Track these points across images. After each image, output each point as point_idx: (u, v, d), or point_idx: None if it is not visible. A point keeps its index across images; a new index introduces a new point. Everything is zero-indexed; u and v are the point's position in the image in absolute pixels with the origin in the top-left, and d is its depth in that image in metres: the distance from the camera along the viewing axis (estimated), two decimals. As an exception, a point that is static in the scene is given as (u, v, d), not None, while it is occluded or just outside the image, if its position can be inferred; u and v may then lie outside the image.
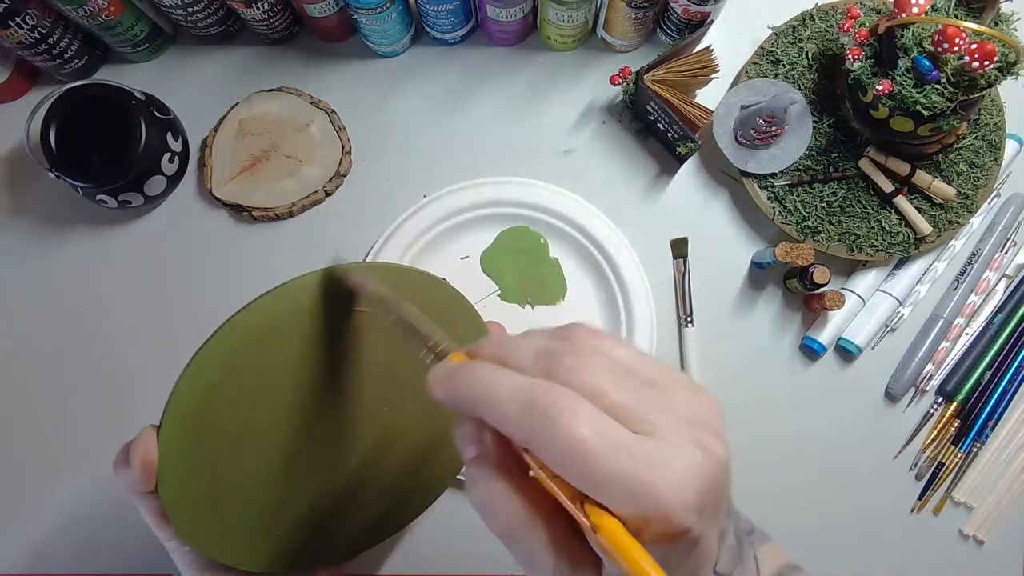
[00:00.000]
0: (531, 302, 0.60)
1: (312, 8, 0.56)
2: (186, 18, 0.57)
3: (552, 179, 0.60)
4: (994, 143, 0.58)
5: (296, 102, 0.61)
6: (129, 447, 0.32)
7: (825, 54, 0.59)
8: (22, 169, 0.61)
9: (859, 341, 0.58)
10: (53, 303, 0.60)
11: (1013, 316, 0.59)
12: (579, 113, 0.63)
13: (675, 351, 0.60)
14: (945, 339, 0.59)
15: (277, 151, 0.60)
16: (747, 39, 0.61)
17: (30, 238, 0.61)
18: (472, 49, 0.63)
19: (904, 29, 0.49)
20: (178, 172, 0.60)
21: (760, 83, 0.58)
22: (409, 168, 0.62)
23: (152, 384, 0.59)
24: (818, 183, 0.58)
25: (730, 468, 0.24)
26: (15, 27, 0.52)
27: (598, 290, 0.60)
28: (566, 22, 0.57)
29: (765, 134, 0.56)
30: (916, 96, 0.48)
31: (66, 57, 0.58)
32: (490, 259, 0.60)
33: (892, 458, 0.59)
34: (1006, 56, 0.47)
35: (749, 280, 0.61)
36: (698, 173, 0.62)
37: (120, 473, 0.32)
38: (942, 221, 0.58)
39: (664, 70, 0.57)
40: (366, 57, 0.63)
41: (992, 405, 0.58)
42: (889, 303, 0.59)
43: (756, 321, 0.60)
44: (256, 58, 0.63)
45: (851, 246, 0.58)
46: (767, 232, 0.61)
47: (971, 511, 0.58)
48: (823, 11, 0.60)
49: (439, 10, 0.57)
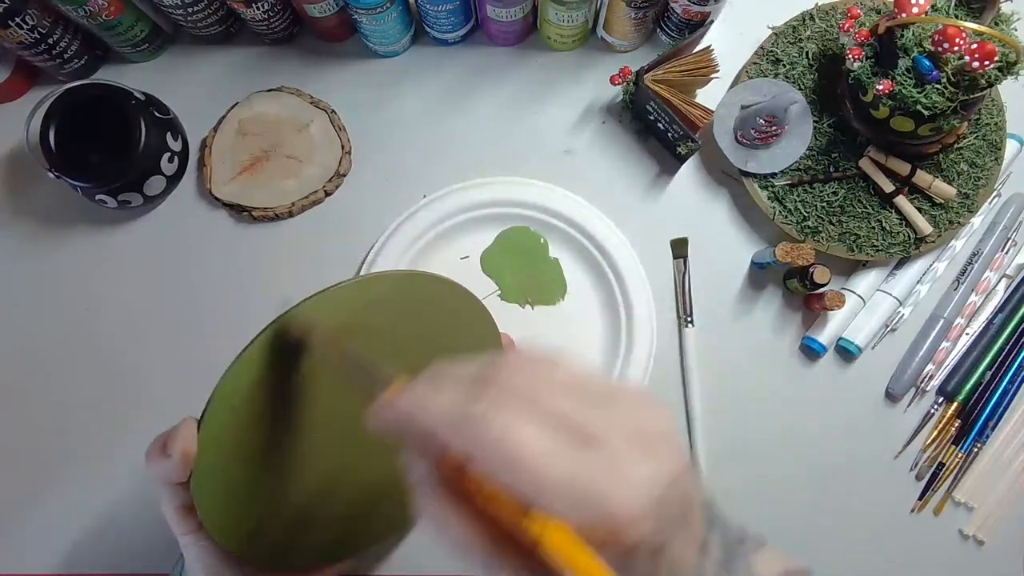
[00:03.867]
0: (531, 302, 0.60)
1: (312, 8, 0.56)
2: (186, 18, 0.57)
3: (552, 179, 0.60)
4: (995, 143, 0.57)
5: (296, 102, 0.61)
6: (167, 437, 0.32)
7: (825, 54, 0.59)
8: (21, 169, 0.61)
9: (859, 341, 0.58)
10: (52, 303, 0.60)
11: (1014, 316, 0.59)
12: (579, 113, 0.63)
13: (675, 351, 0.60)
14: (946, 339, 0.59)
15: (277, 151, 0.60)
16: (747, 39, 0.61)
17: (29, 238, 0.61)
18: (472, 49, 0.63)
19: (904, 29, 0.49)
20: (178, 172, 0.60)
21: (760, 83, 0.58)
22: (409, 168, 0.62)
23: (152, 384, 0.59)
24: (818, 183, 0.58)
25: (694, 477, 0.24)
26: (15, 27, 0.52)
27: (598, 290, 0.60)
28: (566, 22, 0.57)
29: (765, 134, 0.56)
30: (916, 96, 0.48)
31: (66, 57, 0.58)
32: (490, 259, 0.60)
33: (892, 458, 0.59)
34: (1006, 56, 0.47)
35: (749, 280, 0.61)
36: (698, 173, 0.62)
37: (155, 463, 0.33)
38: (942, 221, 0.57)
39: (664, 70, 0.57)
40: (366, 57, 0.63)
41: (993, 405, 0.58)
42: (889, 303, 0.59)
43: (756, 321, 0.60)
44: (256, 58, 0.63)
45: (851, 246, 0.58)
46: (767, 232, 0.61)
47: (971, 511, 0.58)
48: (823, 11, 0.60)
49: (439, 10, 0.57)
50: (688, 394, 0.59)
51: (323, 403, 0.36)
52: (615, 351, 0.58)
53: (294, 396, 0.35)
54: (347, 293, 0.34)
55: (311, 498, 0.38)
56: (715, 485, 0.58)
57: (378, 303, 0.36)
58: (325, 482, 0.39)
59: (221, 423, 0.33)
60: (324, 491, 0.39)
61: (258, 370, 0.33)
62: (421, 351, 0.33)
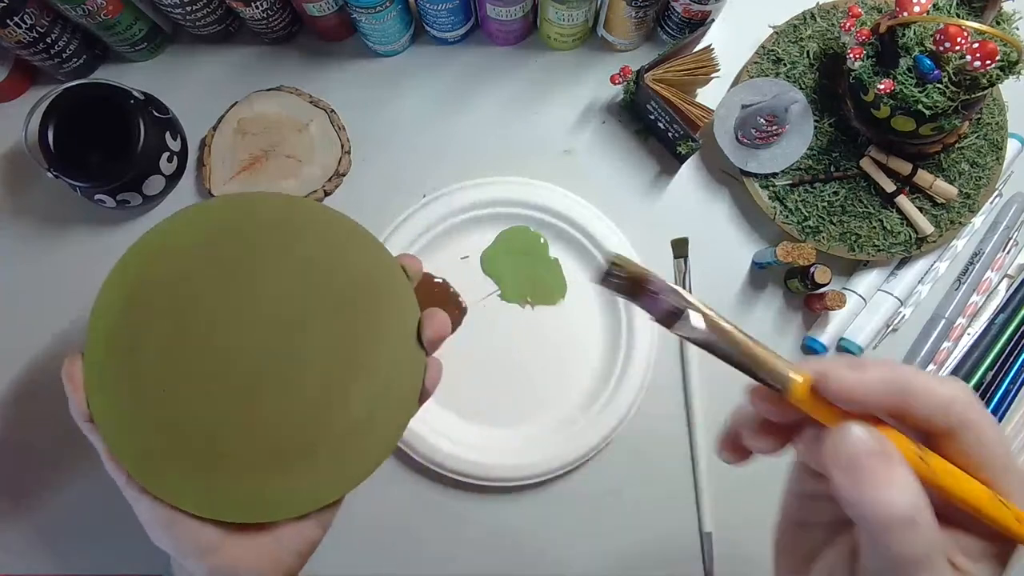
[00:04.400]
0: (531, 302, 0.60)
1: (311, 7, 0.56)
2: (185, 17, 0.57)
3: (552, 179, 0.60)
4: (996, 142, 0.57)
5: (295, 102, 0.61)
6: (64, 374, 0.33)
7: (826, 53, 0.58)
8: (20, 169, 0.61)
9: (860, 341, 0.58)
10: (51, 303, 0.60)
11: (1015, 316, 0.59)
12: (579, 113, 0.62)
13: (675, 351, 0.60)
14: (947, 339, 0.59)
15: (276, 151, 0.60)
16: (748, 38, 0.61)
17: (28, 238, 0.60)
18: (472, 49, 0.63)
19: (906, 28, 0.48)
20: (177, 172, 0.60)
21: (761, 82, 0.58)
22: (409, 168, 0.61)
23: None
24: (819, 183, 0.58)
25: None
26: (13, 26, 0.52)
27: (598, 290, 0.59)
28: (566, 21, 0.57)
29: (766, 133, 0.56)
30: (917, 95, 0.48)
31: (64, 56, 0.58)
32: (490, 259, 0.60)
33: (893, 459, 0.59)
34: (1008, 55, 0.47)
35: (750, 280, 0.60)
36: (698, 173, 0.62)
37: (72, 409, 0.33)
38: (944, 221, 0.57)
39: (664, 69, 0.56)
40: (366, 57, 0.63)
41: (994, 406, 0.58)
42: (890, 303, 0.59)
43: (757, 321, 0.60)
44: (255, 57, 0.63)
45: (852, 246, 0.58)
46: (768, 232, 0.61)
47: (973, 512, 0.58)
48: (824, 10, 0.59)
49: (439, 9, 0.56)
50: (688, 394, 0.59)
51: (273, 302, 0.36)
52: (615, 351, 0.58)
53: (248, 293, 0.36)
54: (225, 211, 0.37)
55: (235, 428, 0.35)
56: (716, 486, 0.59)
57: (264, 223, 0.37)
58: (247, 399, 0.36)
59: (107, 349, 0.33)
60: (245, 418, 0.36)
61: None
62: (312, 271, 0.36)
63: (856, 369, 0.24)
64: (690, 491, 0.59)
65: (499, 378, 0.59)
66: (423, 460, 0.56)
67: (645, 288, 0.26)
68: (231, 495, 0.35)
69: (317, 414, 0.36)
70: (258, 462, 0.36)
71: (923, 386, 0.23)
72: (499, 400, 0.59)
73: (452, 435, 0.57)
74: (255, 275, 0.37)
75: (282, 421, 0.36)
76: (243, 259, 0.37)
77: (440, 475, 0.57)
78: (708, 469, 0.58)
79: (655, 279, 0.26)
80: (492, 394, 0.59)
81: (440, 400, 0.59)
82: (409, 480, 0.58)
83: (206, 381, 0.35)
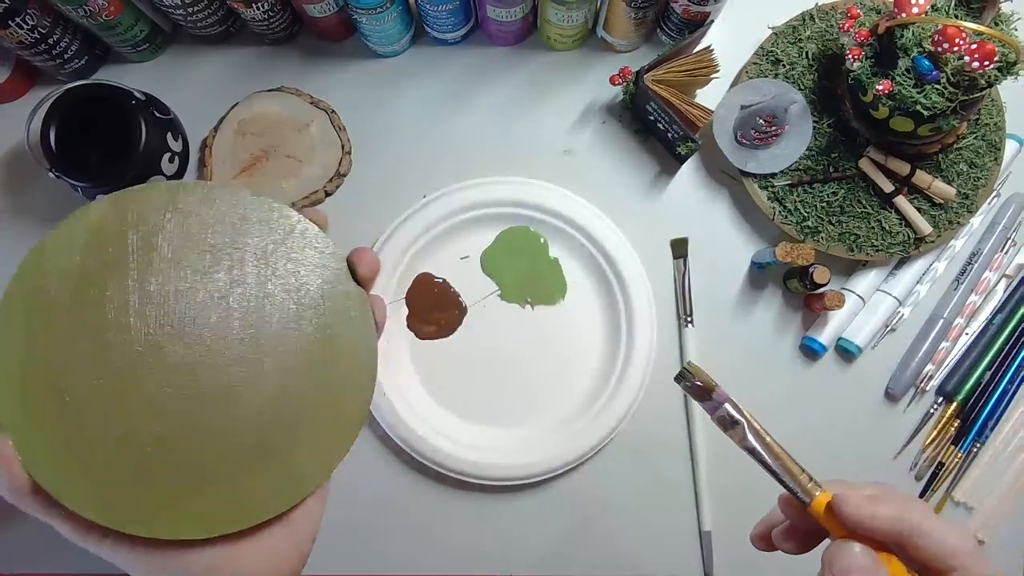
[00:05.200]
0: (531, 302, 0.60)
1: (312, 8, 0.56)
2: (186, 18, 0.57)
3: (552, 179, 0.60)
4: (994, 143, 0.58)
5: (296, 102, 0.61)
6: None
7: (825, 54, 0.59)
8: (22, 169, 0.61)
9: (859, 341, 0.58)
10: (53, 303, 0.60)
11: (1013, 316, 0.59)
12: (579, 113, 0.63)
13: (675, 351, 0.60)
14: (945, 339, 0.59)
15: (277, 151, 0.60)
16: (747, 39, 0.61)
17: (29, 238, 0.60)
18: (472, 49, 0.63)
19: (904, 29, 0.49)
20: (178, 172, 0.60)
21: (760, 83, 0.58)
22: (409, 168, 0.62)
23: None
24: (818, 183, 0.58)
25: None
26: (15, 27, 0.52)
27: (598, 290, 0.60)
28: (566, 22, 0.57)
29: (765, 134, 0.56)
30: (916, 96, 0.48)
31: (66, 57, 0.58)
32: (490, 259, 0.60)
33: (892, 458, 0.59)
34: (1006, 56, 0.47)
35: (749, 280, 0.61)
36: (698, 173, 0.62)
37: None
38: (942, 221, 0.58)
39: (664, 70, 0.57)
40: (366, 57, 0.63)
41: (992, 405, 0.58)
42: (889, 303, 0.59)
43: (756, 321, 0.60)
44: (256, 58, 0.63)
45: (851, 246, 0.58)
46: (767, 232, 0.61)
47: (971, 511, 0.58)
48: (823, 11, 0.60)
49: (439, 10, 0.57)
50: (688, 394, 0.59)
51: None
52: (615, 351, 0.58)
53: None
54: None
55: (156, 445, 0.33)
56: (716, 485, 0.59)
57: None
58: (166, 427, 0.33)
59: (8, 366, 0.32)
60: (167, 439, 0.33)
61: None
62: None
63: (872, 502, 0.28)
64: (690, 491, 0.59)
65: (499, 378, 0.59)
66: (423, 460, 0.56)
67: (711, 395, 0.34)
68: (219, 506, 0.33)
69: (282, 399, 0.34)
70: (240, 462, 0.34)
71: (930, 532, 0.27)
72: (499, 400, 0.59)
73: (452, 435, 0.57)
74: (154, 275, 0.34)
75: (249, 417, 0.34)
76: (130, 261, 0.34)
77: (440, 475, 0.57)
78: (708, 469, 0.58)
79: (719, 391, 0.34)
80: (492, 394, 0.59)
81: (440, 400, 0.59)
82: (409, 480, 0.59)
83: (147, 401, 0.33)
